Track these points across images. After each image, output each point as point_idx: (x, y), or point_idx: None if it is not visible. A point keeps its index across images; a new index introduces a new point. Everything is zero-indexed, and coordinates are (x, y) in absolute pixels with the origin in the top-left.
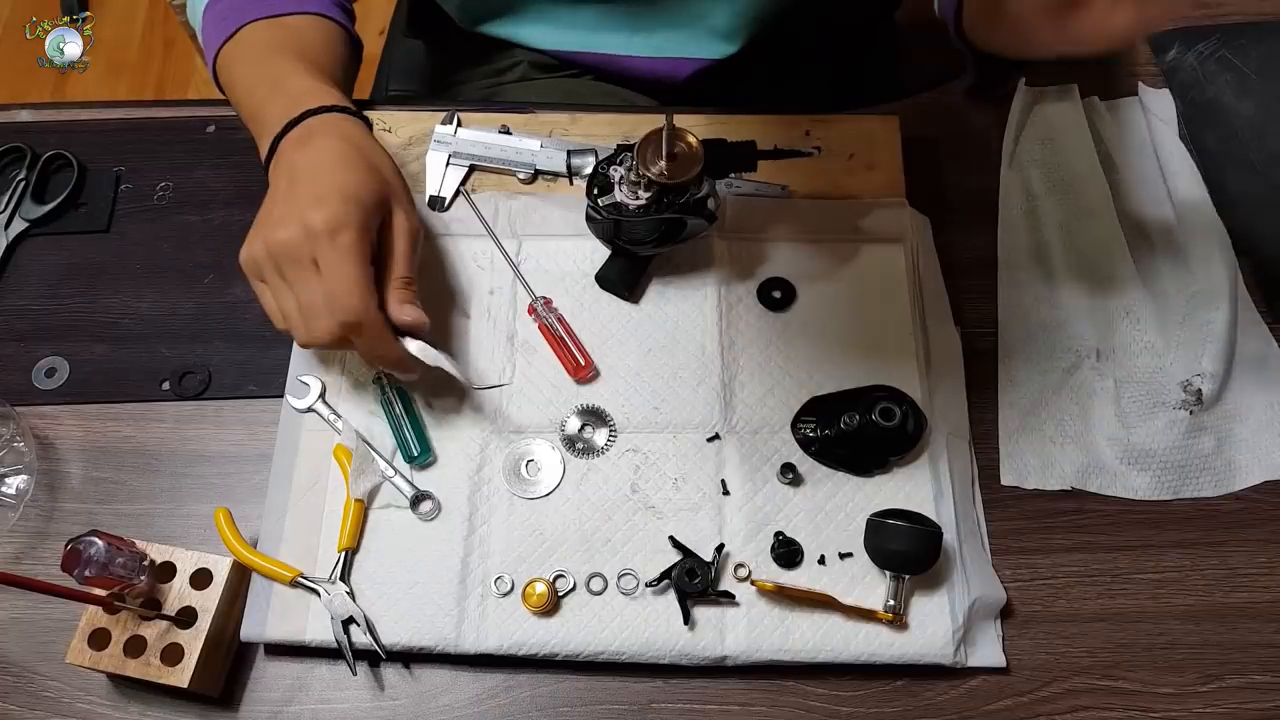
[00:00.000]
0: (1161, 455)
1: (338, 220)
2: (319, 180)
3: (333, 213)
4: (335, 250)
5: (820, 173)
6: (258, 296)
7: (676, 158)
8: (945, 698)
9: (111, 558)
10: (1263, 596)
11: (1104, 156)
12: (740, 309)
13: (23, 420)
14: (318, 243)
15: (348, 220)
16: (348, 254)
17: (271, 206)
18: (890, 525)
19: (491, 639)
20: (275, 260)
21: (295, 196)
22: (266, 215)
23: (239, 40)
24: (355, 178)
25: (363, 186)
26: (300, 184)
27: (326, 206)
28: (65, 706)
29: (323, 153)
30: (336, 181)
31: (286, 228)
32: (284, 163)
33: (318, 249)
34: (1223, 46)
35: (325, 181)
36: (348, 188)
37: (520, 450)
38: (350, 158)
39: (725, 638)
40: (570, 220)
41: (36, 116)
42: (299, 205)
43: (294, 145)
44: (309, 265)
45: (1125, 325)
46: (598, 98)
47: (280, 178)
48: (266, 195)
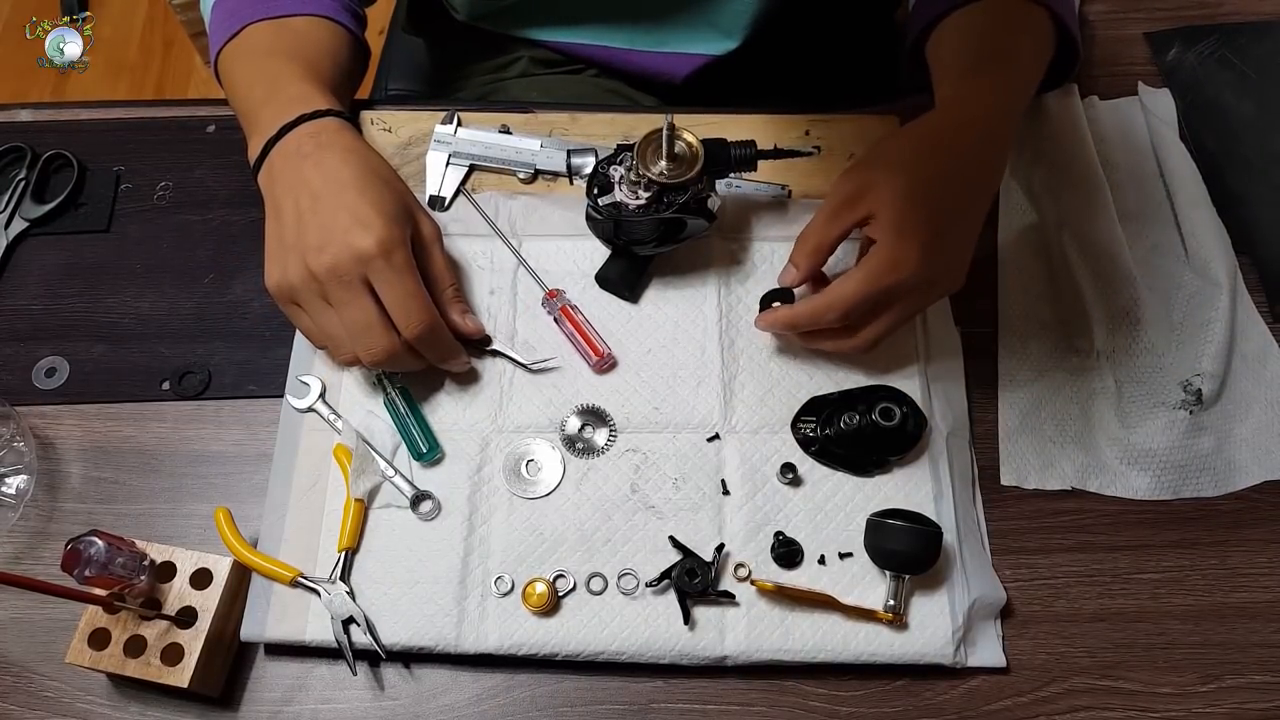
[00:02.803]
0: (1161, 455)
1: (390, 240)
2: (346, 200)
3: (382, 234)
4: (393, 269)
5: (820, 173)
6: (292, 319)
7: (676, 157)
8: (945, 698)
9: (111, 558)
10: (1262, 596)
11: (1104, 156)
12: (740, 309)
13: (23, 420)
14: (371, 265)
15: (398, 239)
16: (406, 271)
17: (299, 229)
18: (890, 525)
19: (491, 639)
20: (321, 284)
21: (329, 219)
22: (296, 238)
23: (241, 39)
24: (384, 195)
25: (394, 203)
26: (326, 204)
27: (373, 229)
28: (65, 706)
29: (339, 170)
30: (369, 200)
31: (332, 252)
32: (288, 177)
33: (372, 271)
34: (1223, 46)
35: (356, 201)
36: (384, 206)
37: (520, 450)
38: (368, 175)
39: (725, 638)
40: (570, 220)
41: (36, 116)
42: (340, 228)
43: (295, 154)
44: (359, 288)
45: (1125, 325)
46: (599, 96)
47: (289, 196)
48: (272, 213)
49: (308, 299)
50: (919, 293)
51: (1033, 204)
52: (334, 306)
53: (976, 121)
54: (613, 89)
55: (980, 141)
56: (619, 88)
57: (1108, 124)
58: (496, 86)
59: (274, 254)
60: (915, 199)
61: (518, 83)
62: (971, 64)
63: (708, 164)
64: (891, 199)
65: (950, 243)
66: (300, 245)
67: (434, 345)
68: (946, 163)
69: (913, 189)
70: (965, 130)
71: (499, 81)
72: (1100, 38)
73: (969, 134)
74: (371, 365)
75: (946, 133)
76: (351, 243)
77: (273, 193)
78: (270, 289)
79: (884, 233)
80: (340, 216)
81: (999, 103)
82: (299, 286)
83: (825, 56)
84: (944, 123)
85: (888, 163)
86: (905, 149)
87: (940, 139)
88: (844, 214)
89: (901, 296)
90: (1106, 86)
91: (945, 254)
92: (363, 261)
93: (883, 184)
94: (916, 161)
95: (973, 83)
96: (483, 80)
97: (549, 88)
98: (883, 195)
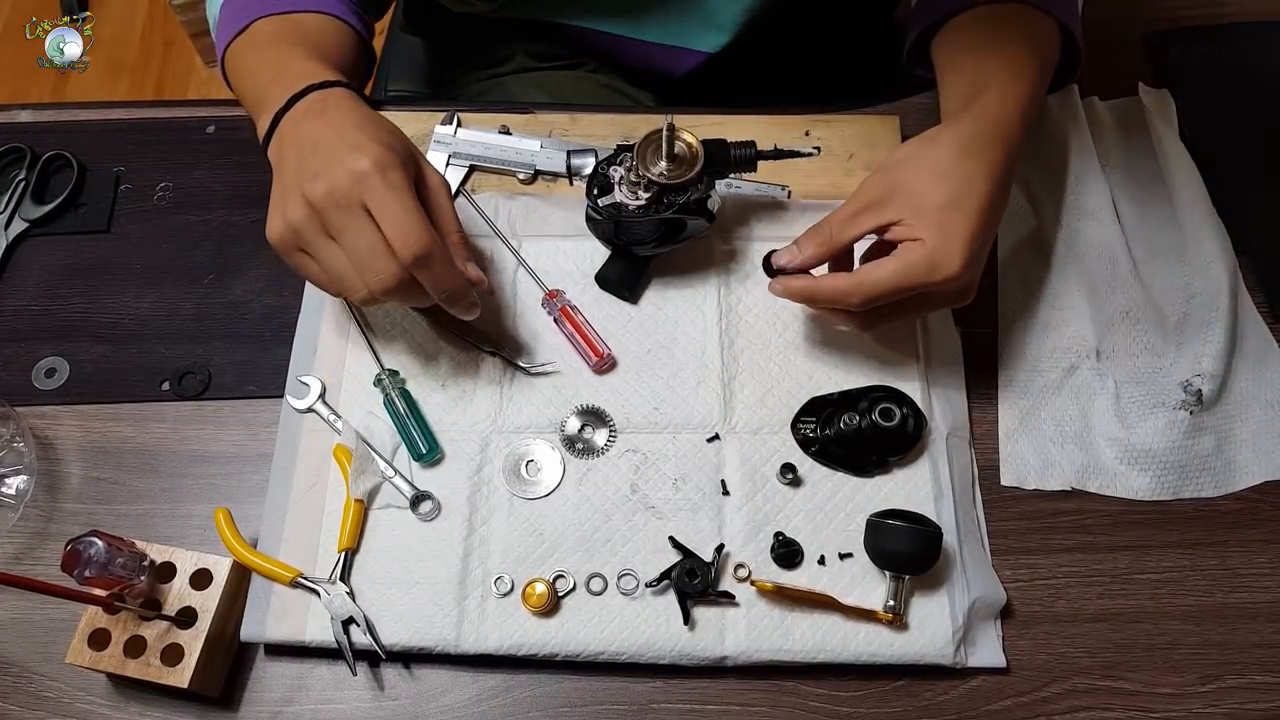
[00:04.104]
0: (1161, 455)
1: (385, 160)
2: (347, 137)
3: (377, 154)
4: (389, 188)
5: (820, 173)
6: (299, 269)
7: (676, 158)
8: (945, 698)
9: (111, 558)
10: (1262, 597)
11: (1104, 156)
12: (740, 309)
13: (23, 420)
14: (367, 184)
15: (394, 160)
16: (402, 190)
17: (299, 169)
18: (890, 525)
19: (491, 639)
20: (322, 214)
21: (328, 152)
22: (295, 177)
23: (249, 33)
24: (384, 132)
25: (394, 137)
26: (326, 143)
27: (369, 151)
28: (65, 707)
29: (343, 117)
30: (368, 133)
31: (327, 177)
32: (294, 134)
33: (368, 192)
34: (1223, 47)
35: (356, 136)
36: (381, 137)
37: (520, 450)
38: (370, 119)
39: (725, 638)
40: (570, 220)
41: (36, 116)
42: (336, 157)
43: (303, 117)
44: (359, 212)
45: (1125, 325)
46: (596, 92)
47: (291, 148)
48: (277, 171)
49: (310, 237)
50: (948, 297)
51: (1032, 204)
52: (336, 238)
53: (1003, 129)
54: (610, 84)
55: (1008, 150)
56: (616, 83)
57: (1108, 124)
58: (494, 83)
59: (275, 202)
60: (957, 203)
61: (515, 79)
62: (989, 70)
63: (708, 164)
64: (932, 202)
65: (985, 249)
66: (298, 181)
67: (435, 274)
68: (982, 169)
69: (954, 194)
70: (995, 138)
71: (496, 78)
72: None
73: (999, 142)
74: (384, 295)
75: (977, 140)
76: (347, 164)
77: (279, 154)
78: (273, 240)
79: (926, 231)
80: (339, 148)
81: (1021, 112)
82: (300, 224)
83: (824, 56)
84: (975, 130)
85: (924, 166)
86: (940, 154)
87: (972, 145)
88: (866, 217)
89: (932, 298)
90: (1106, 87)
91: (981, 261)
92: (358, 180)
93: (921, 187)
94: (953, 167)
95: (996, 93)
96: (480, 77)
97: (545, 84)
98: (921, 198)
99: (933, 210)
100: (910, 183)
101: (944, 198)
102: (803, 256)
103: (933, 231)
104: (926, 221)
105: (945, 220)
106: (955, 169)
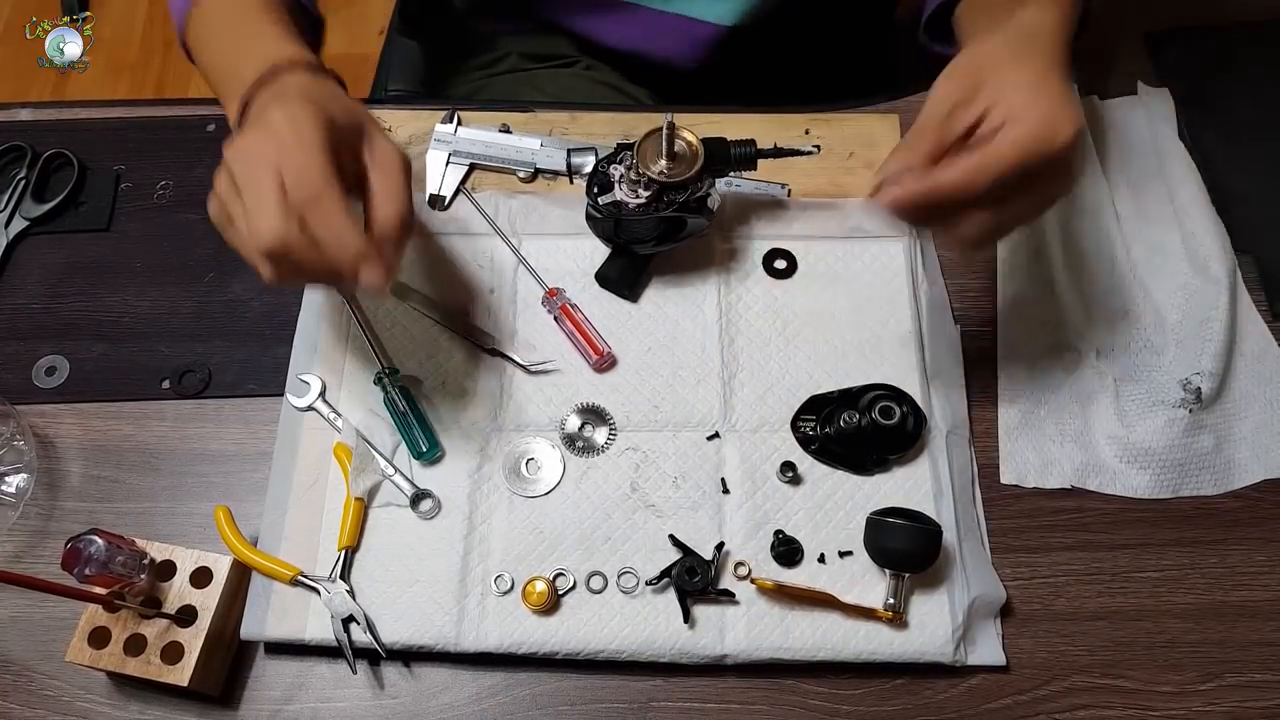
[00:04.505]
0: (1161, 454)
1: (298, 115)
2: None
3: (293, 109)
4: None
5: (820, 172)
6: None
7: (676, 156)
8: (945, 696)
9: (111, 556)
10: (1262, 595)
11: (1104, 156)
12: (740, 307)
13: (23, 419)
14: (278, 138)
15: (309, 115)
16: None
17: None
18: (890, 524)
19: (491, 637)
20: (233, 176)
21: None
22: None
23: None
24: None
25: (332, 98)
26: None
27: (287, 105)
28: (65, 705)
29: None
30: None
31: (243, 135)
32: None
33: (279, 146)
34: (1223, 46)
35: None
36: (310, 94)
37: (520, 449)
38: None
39: (725, 636)
40: (570, 219)
41: (37, 115)
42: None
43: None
44: (264, 168)
45: (1125, 324)
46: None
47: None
48: None
49: (233, 203)
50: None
51: None
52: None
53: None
54: (606, 81)
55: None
56: (612, 79)
57: (1108, 124)
58: (487, 83)
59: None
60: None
61: (507, 78)
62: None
63: (707, 163)
64: (1024, 79)
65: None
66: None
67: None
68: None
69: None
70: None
71: (489, 78)
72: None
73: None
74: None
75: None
76: (263, 121)
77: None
78: (211, 216)
79: (1029, 104)
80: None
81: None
82: (224, 194)
83: (825, 54)
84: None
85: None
86: (1002, 50)
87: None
88: (960, 113)
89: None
90: (1106, 86)
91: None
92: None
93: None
94: (1024, 55)
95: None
96: (473, 78)
97: (539, 82)
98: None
99: (1026, 88)
100: (992, 75)
101: (1032, 74)
102: (918, 153)
103: (1037, 100)
104: (1024, 98)
105: (1043, 91)
106: (1026, 56)
